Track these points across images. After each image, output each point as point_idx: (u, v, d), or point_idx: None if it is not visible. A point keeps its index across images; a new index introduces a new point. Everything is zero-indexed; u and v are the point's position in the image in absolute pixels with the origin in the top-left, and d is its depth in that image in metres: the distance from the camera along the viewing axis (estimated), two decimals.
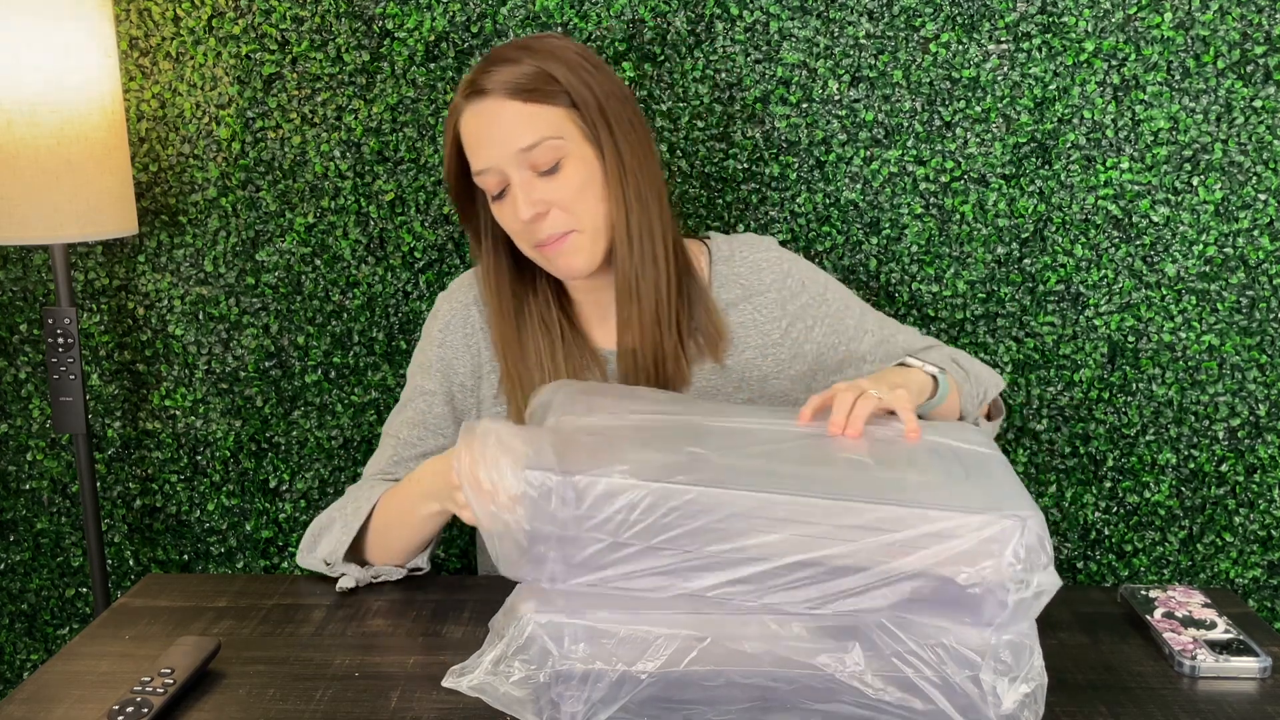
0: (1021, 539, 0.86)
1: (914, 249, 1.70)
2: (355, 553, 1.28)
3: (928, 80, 1.65)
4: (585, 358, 1.32)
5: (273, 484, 1.82)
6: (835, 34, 1.65)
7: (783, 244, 1.54)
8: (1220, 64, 1.62)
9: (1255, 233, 1.66)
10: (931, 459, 0.98)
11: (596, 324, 1.35)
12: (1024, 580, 0.86)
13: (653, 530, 0.89)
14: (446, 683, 0.98)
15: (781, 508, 0.88)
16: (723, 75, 1.66)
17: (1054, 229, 1.68)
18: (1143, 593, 1.21)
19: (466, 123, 1.23)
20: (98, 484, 1.75)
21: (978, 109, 1.65)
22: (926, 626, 0.90)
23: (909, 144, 1.67)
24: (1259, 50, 1.62)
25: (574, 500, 0.89)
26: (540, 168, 1.21)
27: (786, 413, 1.09)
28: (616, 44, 1.66)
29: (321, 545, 1.28)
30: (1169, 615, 1.16)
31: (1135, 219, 1.67)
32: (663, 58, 1.67)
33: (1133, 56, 1.63)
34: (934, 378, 1.23)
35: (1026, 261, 1.69)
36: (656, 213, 1.25)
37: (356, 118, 1.70)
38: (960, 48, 1.64)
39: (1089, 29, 1.62)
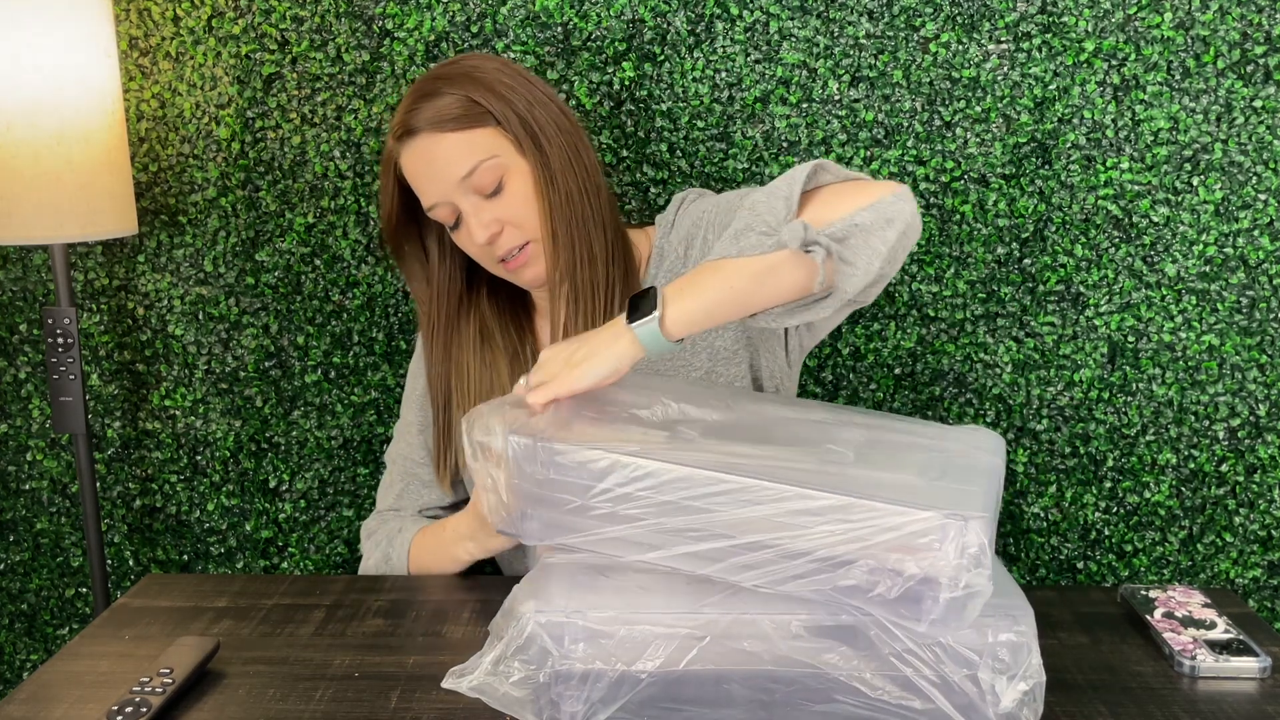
0: (959, 538, 0.87)
1: (914, 249, 1.70)
2: None
3: (928, 80, 1.65)
4: (526, 364, 1.35)
5: (273, 484, 1.82)
6: (835, 34, 1.65)
7: None
8: (1220, 64, 1.62)
9: (1255, 233, 1.66)
10: (915, 457, 1.01)
11: (546, 327, 1.39)
12: (955, 579, 0.87)
13: (617, 498, 0.94)
14: (446, 684, 0.98)
15: (738, 488, 0.91)
16: (723, 75, 1.66)
17: (1054, 229, 1.68)
18: (1143, 593, 1.21)
19: (405, 164, 1.27)
20: (98, 484, 1.76)
21: (978, 109, 1.65)
22: (882, 619, 0.92)
23: (909, 144, 1.67)
24: (1259, 50, 1.62)
25: (550, 463, 0.95)
26: (485, 190, 1.24)
27: (797, 405, 1.13)
28: (616, 44, 1.66)
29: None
30: (1169, 615, 1.16)
31: (1135, 219, 1.67)
32: (663, 58, 1.67)
33: (1133, 56, 1.63)
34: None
35: (1026, 261, 1.69)
36: (590, 213, 1.27)
37: (356, 118, 1.70)
38: (960, 48, 1.64)
39: (1089, 29, 1.62)
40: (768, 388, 1.36)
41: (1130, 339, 1.70)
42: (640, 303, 1.04)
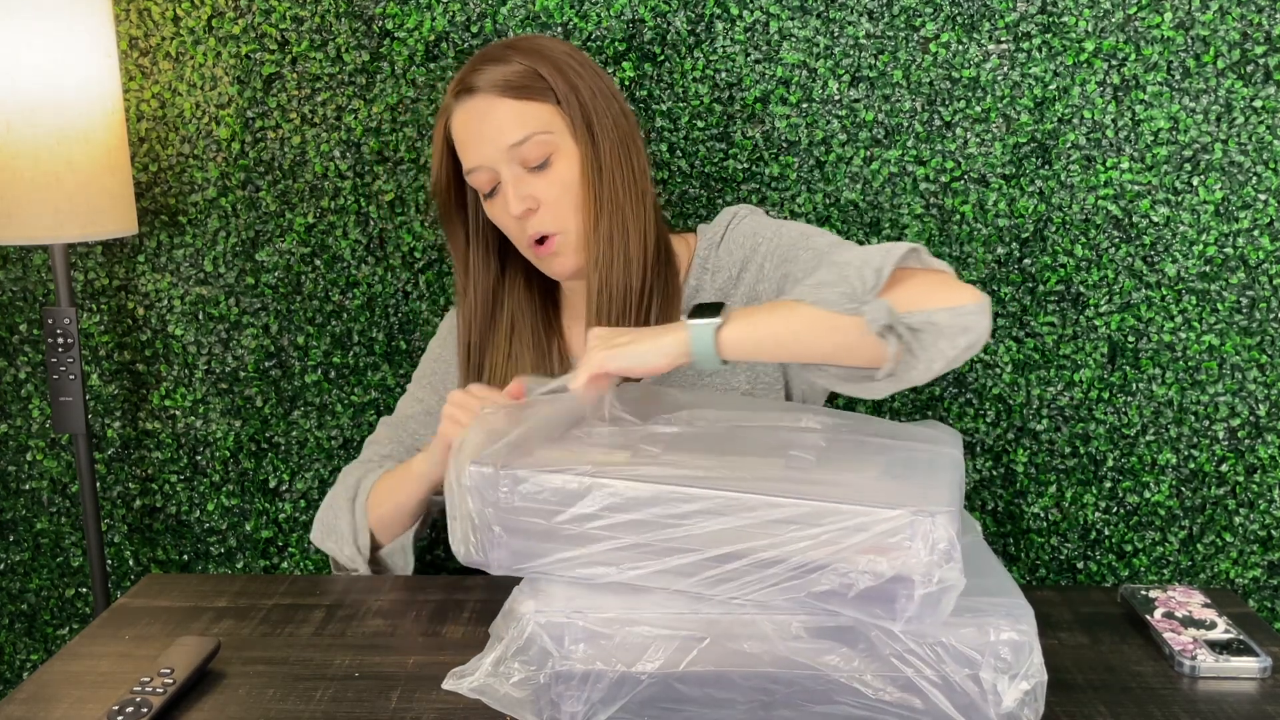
0: (928, 534, 0.87)
1: None
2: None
3: (928, 80, 1.65)
4: (555, 365, 1.35)
5: (273, 484, 1.82)
6: (835, 34, 1.65)
7: None
8: (1220, 64, 1.62)
9: (1255, 233, 1.66)
10: (876, 457, 1.01)
11: (575, 327, 1.38)
12: (928, 574, 0.87)
13: (583, 519, 0.94)
14: (447, 685, 0.98)
15: (704, 502, 0.92)
16: (723, 75, 1.66)
17: (1054, 229, 1.68)
18: (1143, 593, 1.21)
19: (457, 121, 1.25)
20: (98, 484, 1.76)
21: (978, 109, 1.65)
22: (859, 620, 0.92)
23: (909, 144, 1.67)
24: (1259, 50, 1.62)
25: (513, 490, 0.95)
26: (530, 163, 1.22)
27: (761, 408, 1.13)
28: (616, 44, 1.66)
29: (341, 545, 1.36)
30: (1169, 615, 1.16)
31: (1135, 219, 1.67)
32: (663, 58, 1.67)
33: (1133, 56, 1.63)
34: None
35: (1026, 261, 1.69)
36: (633, 213, 1.26)
37: (356, 118, 1.70)
38: (960, 48, 1.64)
39: (1089, 29, 1.62)
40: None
41: (1130, 339, 1.70)
42: (704, 310, 1.04)
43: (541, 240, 1.26)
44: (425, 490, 1.30)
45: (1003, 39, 1.64)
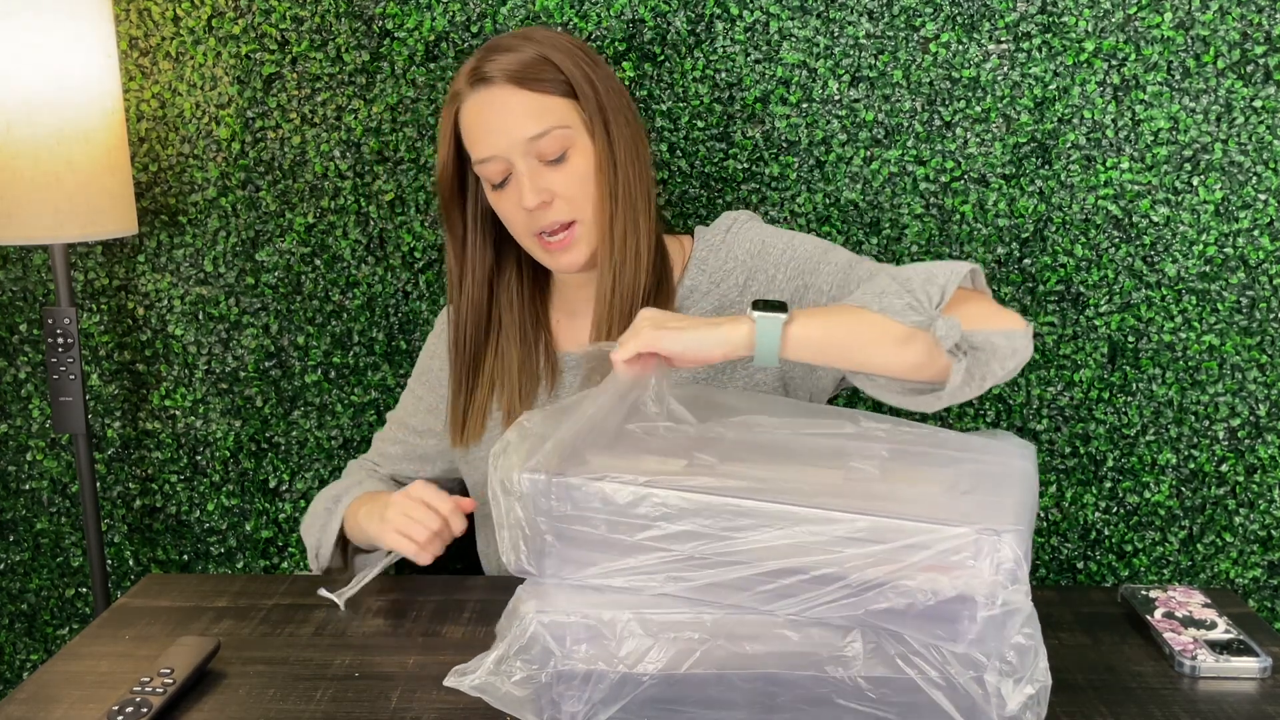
0: (993, 553, 0.85)
1: (914, 249, 1.70)
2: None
3: (928, 80, 1.65)
4: (540, 359, 1.33)
5: (273, 484, 1.82)
6: (835, 34, 1.65)
7: None
8: (1220, 64, 1.62)
9: (1255, 233, 1.66)
10: (942, 471, 0.98)
11: (565, 322, 1.36)
12: (991, 596, 0.85)
13: (636, 529, 0.92)
14: (449, 682, 0.98)
15: (761, 514, 0.90)
16: (723, 75, 1.66)
17: (1054, 229, 1.68)
18: (1143, 593, 1.21)
19: (470, 111, 1.23)
20: (98, 484, 1.75)
21: (978, 109, 1.65)
22: (917, 642, 0.91)
23: (909, 144, 1.67)
24: (1259, 50, 1.62)
25: (565, 498, 0.93)
26: (547, 157, 1.21)
27: (819, 414, 1.09)
28: (616, 44, 1.66)
29: (314, 533, 1.38)
30: (1169, 615, 1.16)
31: (1135, 219, 1.67)
32: (663, 58, 1.67)
33: (1133, 56, 1.63)
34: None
35: (1026, 261, 1.69)
36: (643, 211, 1.25)
37: (356, 118, 1.70)
38: (960, 48, 1.64)
39: (1089, 29, 1.62)
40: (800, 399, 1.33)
41: (1130, 339, 1.70)
42: (765, 305, 1.02)
43: (553, 233, 1.25)
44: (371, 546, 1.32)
45: (1003, 39, 1.64)
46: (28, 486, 1.85)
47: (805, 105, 1.67)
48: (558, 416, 1.02)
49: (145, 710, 0.99)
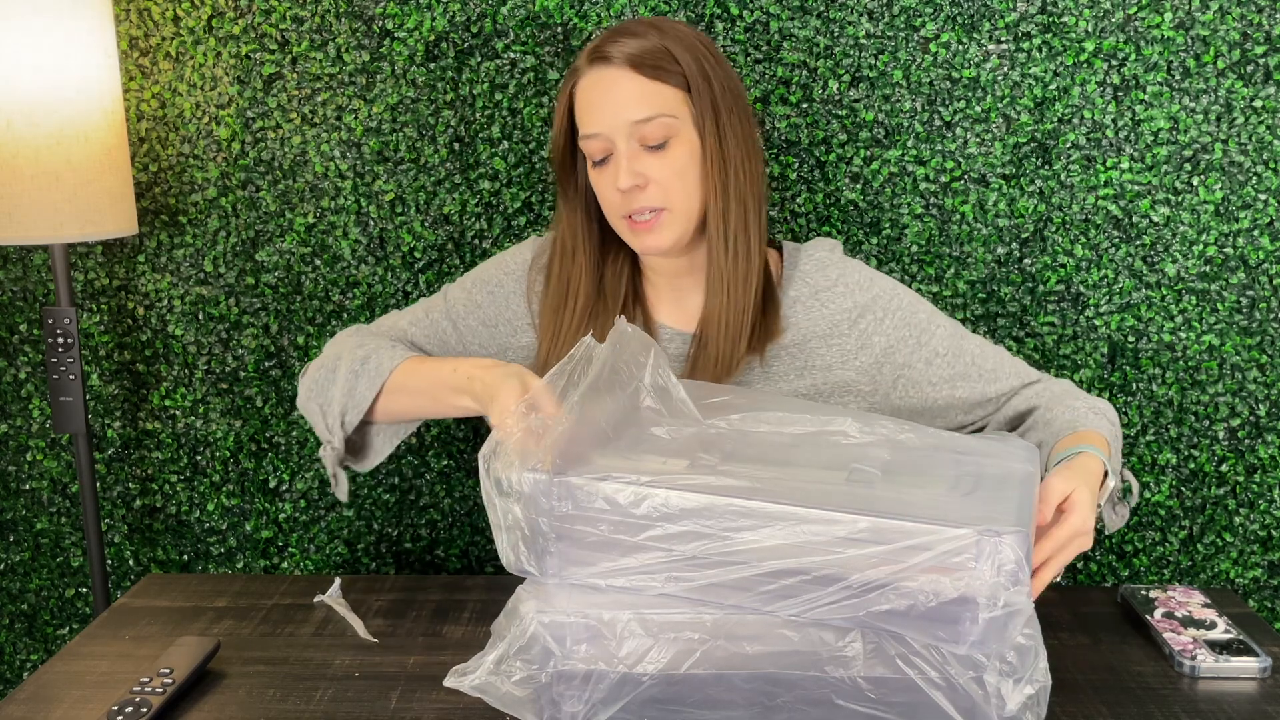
0: (994, 554, 0.85)
1: (914, 249, 1.70)
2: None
3: (928, 80, 1.65)
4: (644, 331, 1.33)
5: (273, 484, 1.82)
6: (835, 34, 1.65)
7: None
8: (1220, 64, 1.62)
9: (1255, 233, 1.66)
10: (945, 472, 0.98)
11: (663, 305, 1.36)
12: (993, 597, 0.86)
13: (638, 528, 0.92)
14: (448, 682, 0.98)
15: (764, 515, 0.90)
16: None
17: (1054, 229, 1.68)
18: (1143, 593, 1.21)
19: (584, 87, 1.26)
20: (98, 484, 1.75)
21: (978, 109, 1.65)
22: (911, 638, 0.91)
23: (909, 144, 1.67)
24: (1259, 50, 1.62)
25: (567, 498, 0.93)
26: (648, 142, 1.23)
27: (823, 413, 1.09)
28: None
29: (333, 395, 1.28)
30: (1169, 615, 1.16)
31: (1135, 219, 1.67)
32: None
33: (1133, 56, 1.63)
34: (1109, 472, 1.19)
35: (1026, 261, 1.69)
36: (754, 211, 1.27)
37: (356, 118, 1.70)
38: (960, 48, 1.64)
39: (1089, 29, 1.62)
40: None
41: (1130, 339, 1.70)
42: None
43: (641, 215, 1.26)
44: (451, 414, 1.24)
45: (1003, 39, 1.64)
46: (28, 486, 1.85)
47: (805, 105, 1.67)
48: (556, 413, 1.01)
49: (145, 710, 0.99)
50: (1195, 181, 1.65)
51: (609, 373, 1.03)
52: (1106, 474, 1.11)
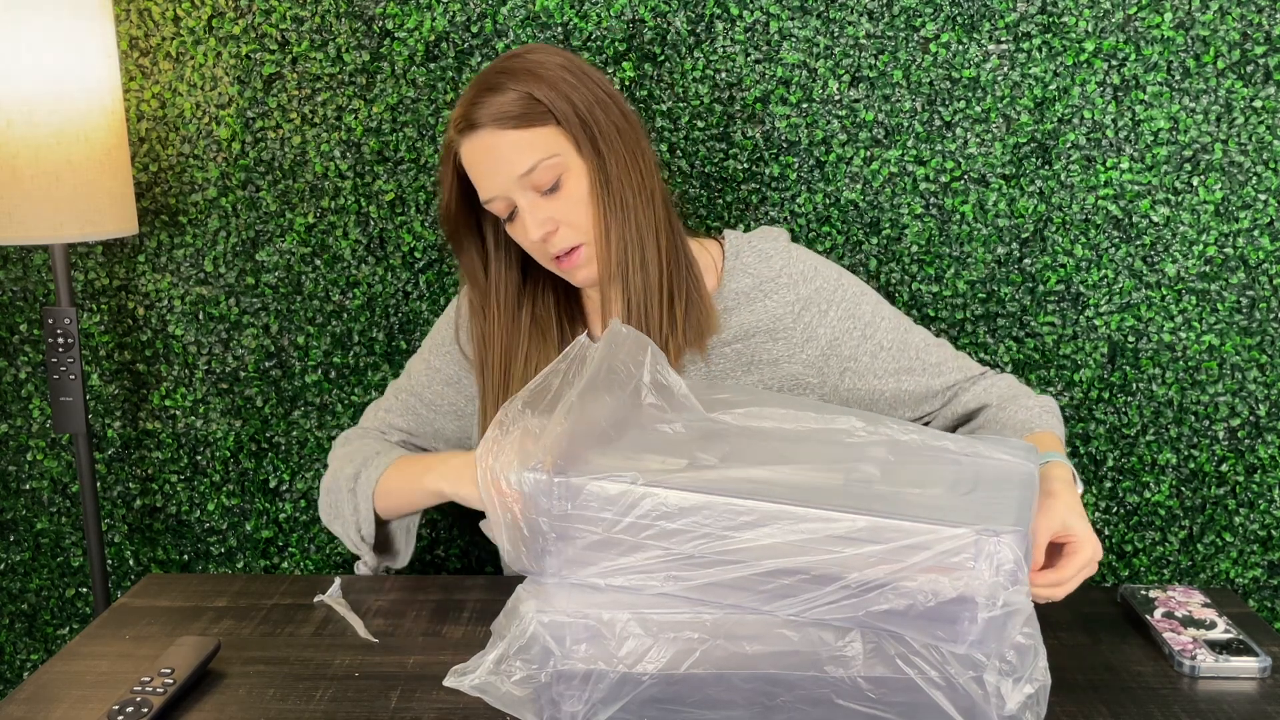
0: (993, 554, 0.85)
1: (914, 249, 1.70)
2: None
3: (928, 80, 1.65)
4: None
5: (273, 484, 1.82)
6: (835, 34, 1.65)
7: None
8: (1220, 64, 1.62)
9: (1255, 233, 1.66)
10: (944, 471, 0.98)
11: (596, 318, 1.38)
12: (992, 597, 0.86)
13: (637, 528, 0.92)
14: (448, 682, 0.98)
15: (763, 514, 0.90)
16: (723, 75, 1.66)
17: (1054, 229, 1.68)
18: (1143, 593, 1.22)
19: (465, 156, 1.27)
20: (98, 484, 1.75)
21: (978, 109, 1.65)
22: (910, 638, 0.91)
23: (909, 144, 1.67)
24: (1259, 50, 1.62)
25: (567, 498, 0.93)
26: (542, 187, 1.24)
27: (823, 411, 1.09)
28: (616, 44, 1.66)
29: (345, 514, 1.33)
30: (1169, 615, 1.16)
31: (1135, 219, 1.67)
32: (663, 58, 1.67)
33: (1133, 56, 1.63)
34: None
35: (1026, 261, 1.69)
36: (645, 214, 1.27)
37: (356, 118, 1.70)
38: (960, 48, 1.64)
39: (1089, 29, 1.62)
40: None
41: (1130, 339, 1.70)
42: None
43: (565, 255, 1.27)
44: (433, 504, 1.28)
45: (1003, 39, 1.64)
46: (28, 486, 1.85)
47: (805, 105, 1.67)
48: (541, 407, 1.02)
49: (145, 710, 0.99)
50: (1195, 181, 1.65)
51: (606, 372, 1.03)
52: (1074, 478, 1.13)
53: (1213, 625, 1.14)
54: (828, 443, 1.03)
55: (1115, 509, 1.75)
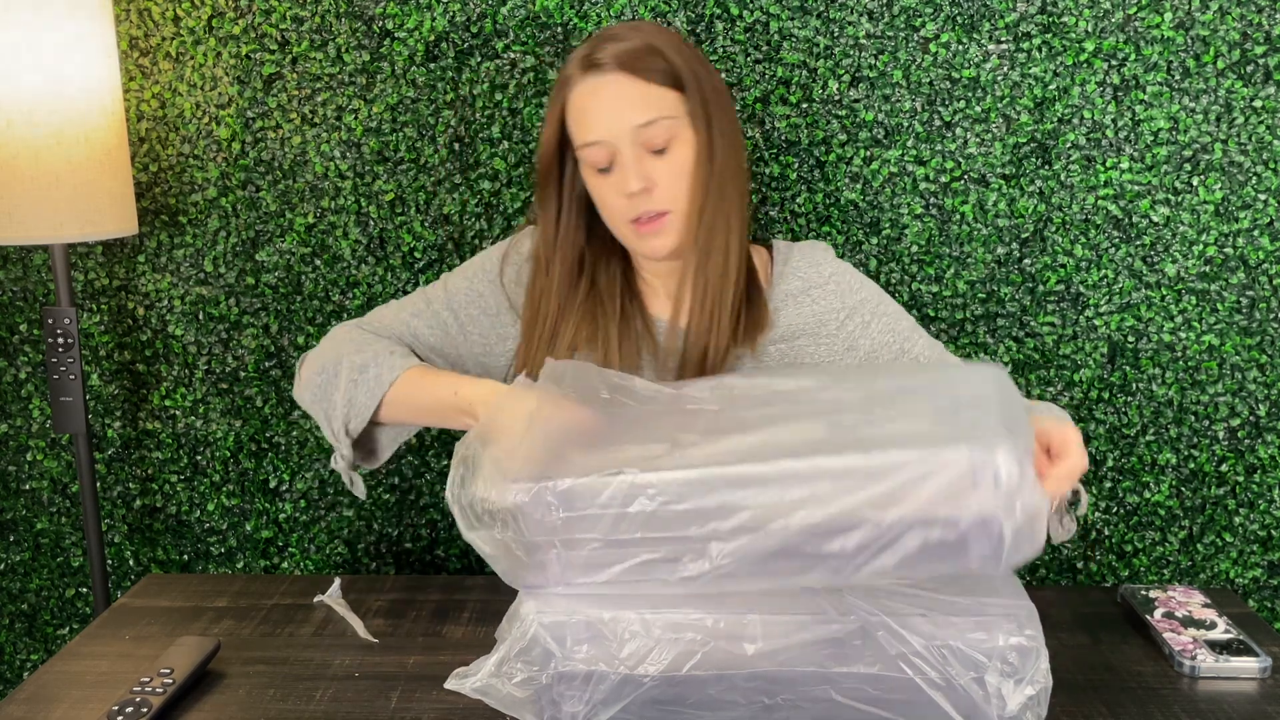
0: (992, 470, 0.84)
1: (914, 249, 1.70)
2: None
3: (928, 80, 1.65)
4: (638, 330, 1.34)
5: (273, 484, 1.82)
6: (835, 34, 1.65)
7: None
8: (1220, 64, 1.62)
9: (1255, 233, 1.66)
10: (921, 403, 0.96)
11: (658, 299, 1.37)
12: (1009, 508, 0.84)
13: (637, 522, 0.90)
14: (450, 685, 0.98)
15: (760, 477, 0.88)
16: (723, 75, 1.66)
17: (1054, 229, 1.68)
18: (1143, 593, 1.22)
19: (580, 96, 1.25)
20: (98, 484, 1.75)
21: (978, 109, 1.65)
22: (943, 604, 0.89)
23: (909, 144, 1.67)
24: (1259, 50, 1.62)
25: (559, 504, 0.90)
26: (652, 145, 1.23)
27: (788, 374, 1.08)
28: None
29: (335, 401, 1.26)
30: (1169, 615, 1.16)
31: (1135, 219, 1.67)
32: None
33: (1133, 56, 1.63)
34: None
35: (1026, 261, 1.69)
36: (736, 208, 1.28)
37: (356, 118, 1.70)
38: (960, 48, 1.64)
39: (1089, 29, 1.62)
40: None
41: (1130, 339, 1.70)
42: None
43: (648, 220, 1.26)
44: (452, 424, 1.22)
45: (1003, 39, 1.64)
46: (28, 486, 1.85)
47: (805, 105, 1.67)
48: (502, 438, 0.98)
49: (145, 710, 0.99)
50: (1195, 181, 1.65)
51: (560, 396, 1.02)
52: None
53: (1213, 625, 1.14)
54: (801, 401, 1.01)
55: (1115, 509, 1.75)
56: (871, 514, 0.86)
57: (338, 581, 1.28)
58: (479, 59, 1.68)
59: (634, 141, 1.23)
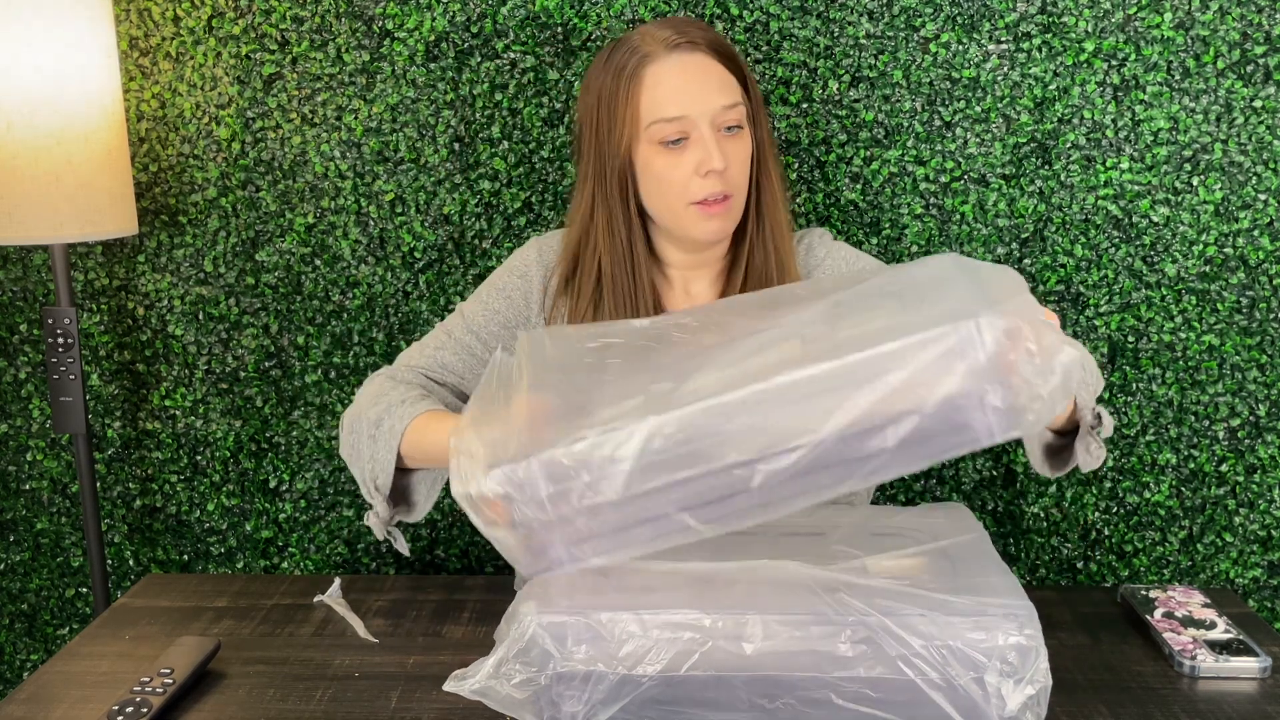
0: (978, 338, 0.83)
1: (914, 249, 1.70)
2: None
3: (928, 80, 1.65)
4: (644, 310, 1.34)
5: (273, 484, 1.82)
6: (835, 34, 1.65)
7: None
8: (1220, 64, 1.62)
9: (1255, 233, 1.66)
10: (888, 302, 0.95)
11: (675, 294, 1.37)
12: (995, 374, 0.83)
13: (632, 477, 0.87)
14: (448, 687, 0.98)
15: (748, 400, 0.86)
16: None
17: (1054, 229, 1.68)
18: (1143, 593, 1.22)
19: (664, 71, 1.27)
20: (98, 484, 1.75)
21: (978, 109, 1.65)
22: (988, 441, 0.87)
23: (909, 144, 1.67)
24: (1259, 50, 1.62)
25: (546, 478, 0.88)
26: (727, 128, 1.28)
27: (741, 304, 1.07)
28: None
29: (363, 457, 1.26)
30: (1169, 615, 1.16)
31: (1135, 219, 1.67)
32: None
33: (1133, 56, 1.63)
34: None
35: (1026, 261, 1.69)
36: (781, 201, 1.34)
37: (356, 118, 1.70)
38: (960, 48, 1.64)
39: (1089, 29, 1.62)
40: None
41: (1130, 339, 1.70)
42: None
43: (713, 201, 1.28)
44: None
45: (1003, 39, 1.64)
46: (28, 486, 1.85)
47: (805, 105, 1.67)
48: (473, 424, 0.96)
49: (145, 710, 0.99)
50: (1195, 181, 1.65)
51: (542, 370, 0.99)
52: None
53: (1213, 625, 1.14)
54: (767, 324, 0.98)
55: (1115, 509, 1.75)
56: (861, 410, 0.84)
57: (338, 581, 1.28)
58: (479, 59, 1.68)
59: (713, 122, 1.26)
